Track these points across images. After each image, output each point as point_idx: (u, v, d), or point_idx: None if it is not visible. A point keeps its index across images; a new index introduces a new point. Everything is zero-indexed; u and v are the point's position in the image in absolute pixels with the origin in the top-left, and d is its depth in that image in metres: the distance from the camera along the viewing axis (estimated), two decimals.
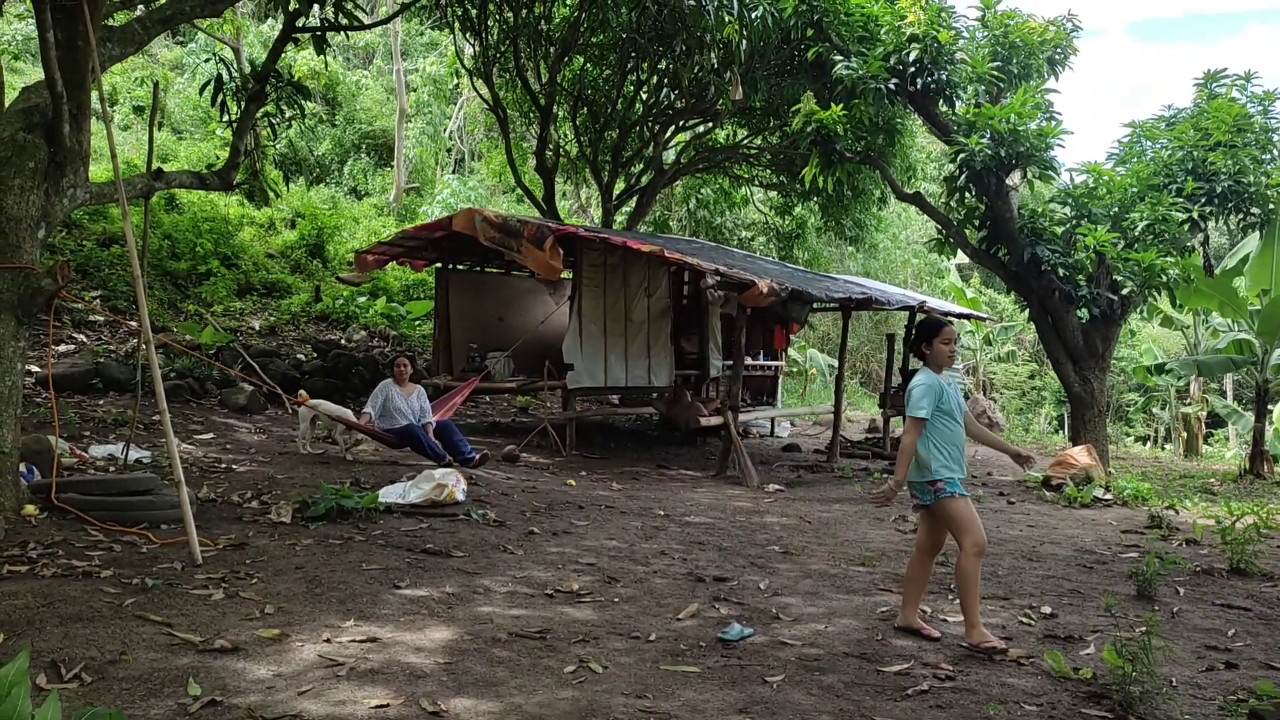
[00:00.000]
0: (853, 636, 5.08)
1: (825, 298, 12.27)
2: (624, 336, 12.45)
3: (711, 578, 6.16)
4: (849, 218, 17.96)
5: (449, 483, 7.56)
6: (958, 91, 12.87)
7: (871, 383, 27.20)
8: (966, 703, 4.20)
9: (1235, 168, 12.33)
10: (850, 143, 12.94)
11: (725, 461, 11.28)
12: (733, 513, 8.76)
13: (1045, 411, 27.77)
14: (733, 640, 4.85)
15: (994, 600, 6.09)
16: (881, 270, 26.39)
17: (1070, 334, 13.19)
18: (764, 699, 4.10)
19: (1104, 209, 12.81)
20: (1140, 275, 12.24)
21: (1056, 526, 9.11)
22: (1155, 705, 4.16)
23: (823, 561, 6.95)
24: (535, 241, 10.80)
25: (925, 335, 5.31)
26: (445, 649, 4.42)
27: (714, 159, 19.08)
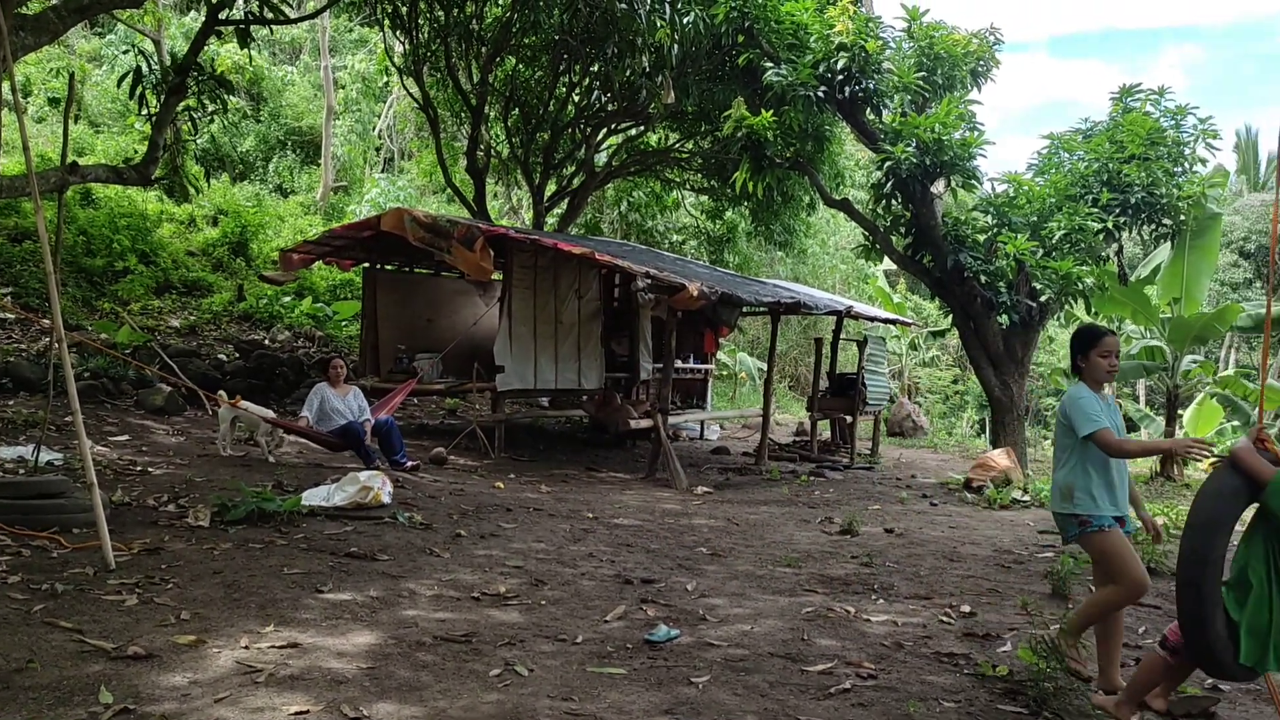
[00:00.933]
0: (778, 637, 5.13)
1: (754, 301, 12.39)
2: (554, 339, 12.41)
3: (639, 580, 6.17)
4: (779, 223, 18.16)
5: (375, 485, 7.46)
6: (884, 100, 13.09)
7: (800, 386, 27.49)
8: (888, 700, 4.27)
9: (1148, 180, 12.74)
10: (780, 148, 13.08)
11: (654, 464, 11.31)
12: (661, 515, 8.79)
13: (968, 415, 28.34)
14: (659, 642, 4.87)
15: (915, 600, 6.20)
16: (810, 275, 26.72)
17: (991, 339, 13.51)
18: (689, 700, 4.11)
19: (1024, 218, 13.14)
20: (1058, 283, 12.58)
21: (977, 528, 9.32)
22: (1068, 700, 4.28)
23: (749, 563, 7.01)
24: (465, 242, 10.71)
25: (1082, 345, 4.50)
26: (368, 654, 4.35)
27: (646, 162, 19.13)
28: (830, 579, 6.64)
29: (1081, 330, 4.62)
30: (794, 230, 18.91)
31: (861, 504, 10.40)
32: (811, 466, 13.21)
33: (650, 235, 21.74)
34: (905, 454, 16.84)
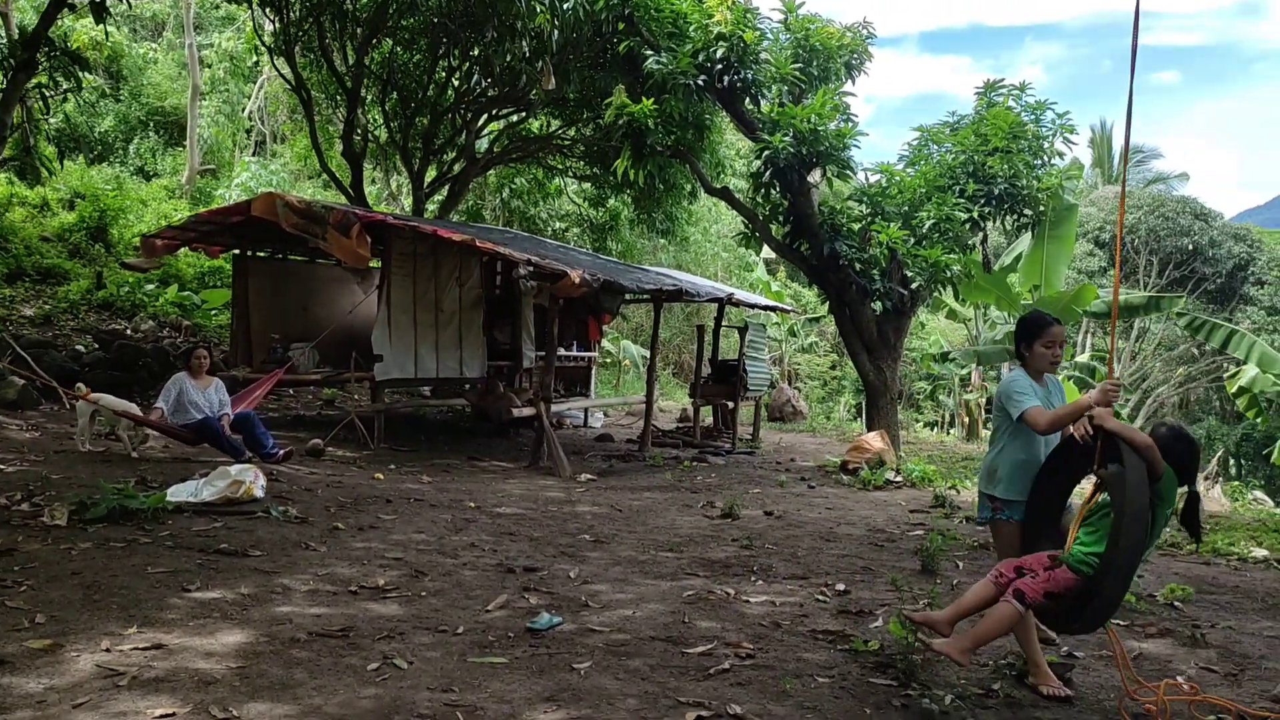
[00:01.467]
0: (659, 620, 5.18)
1: (637, 289, 12.45)
2: (435, 327, 12.21)
3: (522, 568, 6.14)
4: (661, 211, 18.28)
5: (246, 479, 7.21)
6: (762, 90, 13.30)
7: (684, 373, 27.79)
8: (765, 679, 4.36)
9: (1011, 172, 13.31)
10: (661, 136, 13.16)
11: (538, 452, 11.27)
12: (545, 503, 8.77)
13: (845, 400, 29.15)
14: (541, 629, 4.86)
15: (793, 580, 6.35)
16: (693, 263, 27.01)
17: (865, 326, 13.91)
18: (571, 686, 4.12)
19: (896, 208, 13.56)
20: (928, 270, 13.04)
21: (852, 508, 9.60)
22: (935, 672, 4.46)
23: (632, 548, 7.05)
24: (341, 228, 10.44)
25: (1027, 334, 4.54)
26: (238, 653, 4.21)
27: (528, 149, 19.00)
28: (711, 562, 6.73)
29: (1027, 319, 4.60)
30: (676, 218, 19.06)
31: (742, 488, 10.59)
32: (694, 452, 13.37)
33: (533, 222, 21.61)
34: (785, 438, 17.20)
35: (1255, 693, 4.47)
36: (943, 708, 4.01)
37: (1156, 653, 5.09)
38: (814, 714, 3.97)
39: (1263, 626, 5.72)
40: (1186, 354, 30.16)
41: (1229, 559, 7.84)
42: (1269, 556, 7.86)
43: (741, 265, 28.96)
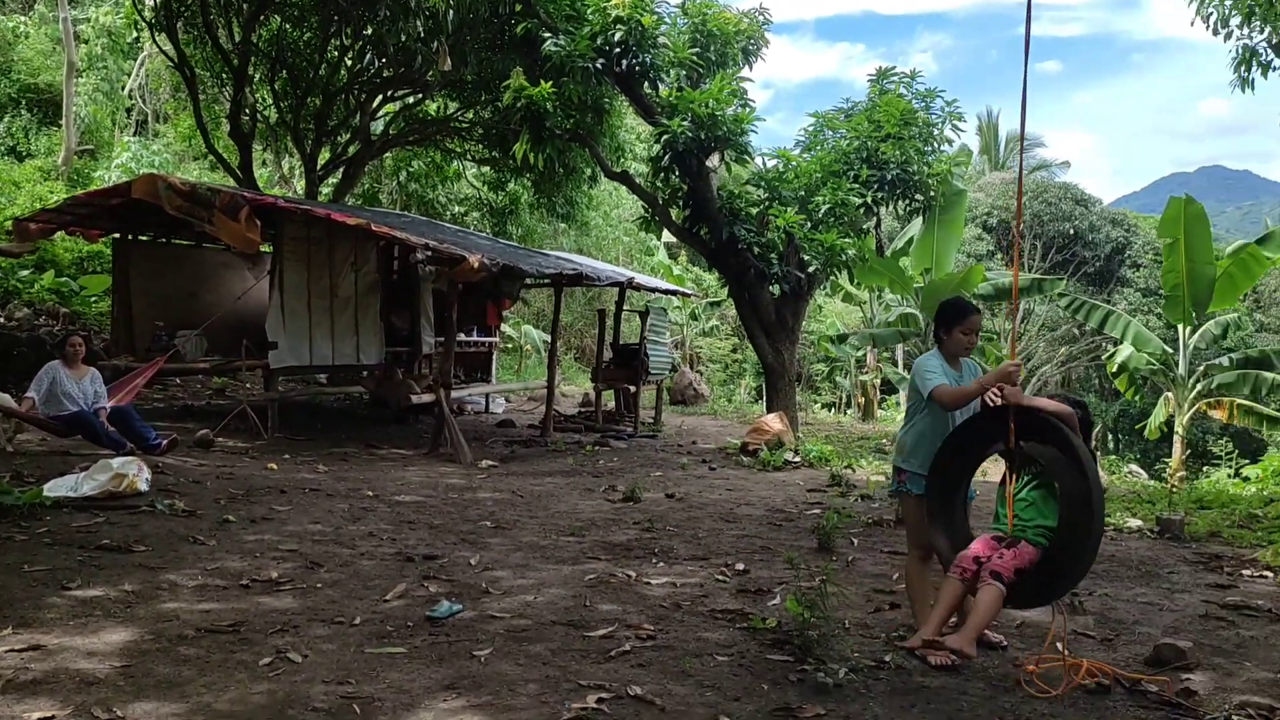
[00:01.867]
0: (561, 605, 5.19)
1: (537, 273, 12.38)
2: (330, 313, 11.94)
3: (421, 556, 6.07)
4: (561, 195, 18.18)
5: (129, 472, 6.94)
6: (661, 74, 13.33)
7: (586, 357, 27.77)
8: (665, 659, 4.41)
9: (902, 158, 13.64)
10: (560, 120, 13.07)
11: (438, 439, 11.14)
12: (445, 490, 8.68)
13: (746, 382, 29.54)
14: (441, 618, 4.81)
15: (694, 561, 6.43)
16: (594, 247, 26.97)
17: (764, 309, 14.10)
18: (472, 673, 4.10)
19: (792, 192, 13.77)
20: (824, 254, 13.28)
21: (752, 489, 9.76)
22: (830, 647, 4.56)
23: (534, 534, 7.04)
24: (229, 212, 10.10)
25: (947, 320, 4.70)
26: (123, 651, 4.06)
27: (425, 131, 18.67)
28: (613, 545, 6.77)
29: (950, 305, 4.77)
30: (576, 202, 18.99)
31: (644, 471, 10.66)
32: (596, 436, 13.39)
33: (431, 206, 21.27)
34: (687, 421, 17.37)
35: (1129, 656, 4.70)
36: (837, 680, 4.11)
37: (1037, 620, 5.31)
38: (713, 692, 4.03)
39: (1136, 593, 6.02)
40: (1068, 334, 31.45)
41: (1105, 529, 8.21)
42: (1142, 526, 8.27)
43: (643, 249, 29.04)
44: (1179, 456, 17.13)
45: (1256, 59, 10.00)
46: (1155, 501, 9.68)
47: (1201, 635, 5.10)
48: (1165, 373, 18.07)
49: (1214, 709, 4.02)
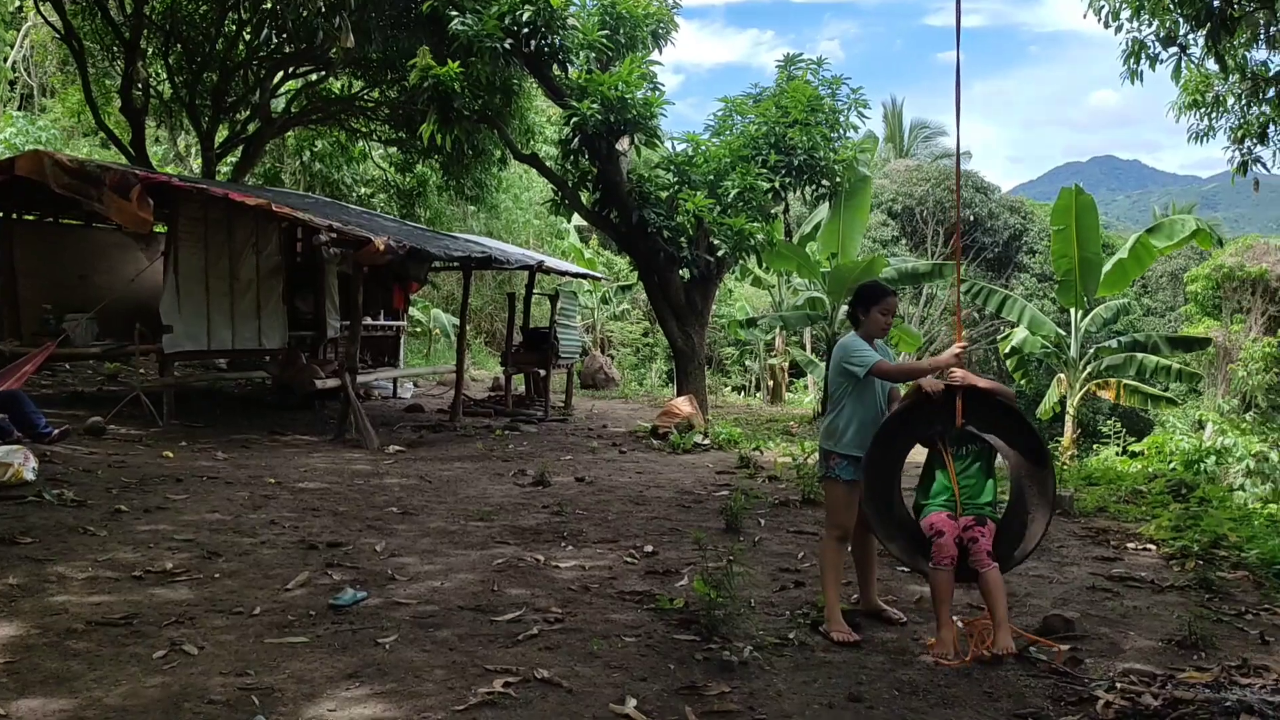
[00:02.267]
0: (469, 590, 5.15)
1: (445, 256, 12.21)
2: (230, 296, 11.59)
3: (325, 544, 5.96)
4: (469, 177, 17.95)
5: (14, 461, 6.64)
6: (570, 57, 13.23)
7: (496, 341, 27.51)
8: (573, 641, 4.42)
9: (809, 143, 13.81)
10: (468, 101, 12.88)
11: (344, 424, 10.92)
12: (351, 476, 8.52)
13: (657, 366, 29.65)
14: (345, 605, 4.73)
15: (603, 544, 6.45)
16: (504, 230, 26.69)
17: (674, 292, 14.17)
18: (376, 661, 4.04)
19: (702, 177, 13.84)
20: (733, 239, 13.40)
21: (661, 472, 9.82)
22: (736, 625, 4.63)
23: (442, 519, 6.97)
24: (119, 190, 9.70)
25: (865, 301, 4.78)
26: (7, 646, 3.90)
27: (329, 110, 18.23)
28: (522, 530, 6.74)
29: (868, 287, 4.86)
30: (486, 185, 18.77)
31: (554, 455, 10.63)
32: (506, 421, 13.30)
33: (336, 188, 20.79)
34: (598, 405, 17.38)
35: (1020, 627, 4.87)
36: (742, 658, 4.18)
37: None
38: (620, 673, 4.05)
39: (1028, 567, 6.22)
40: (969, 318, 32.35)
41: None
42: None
43: (553, 233, 28.87)
44: (1070, 435, 17.82)
45: (1145, 51, 10.37)
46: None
47: (1089, 606, 5.32)
48: (1058, 355, 18.76)
49: (1099, 676, 4.21)
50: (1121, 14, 10.03)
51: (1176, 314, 32.45)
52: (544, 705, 3.68)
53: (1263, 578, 5.96)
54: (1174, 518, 7.42)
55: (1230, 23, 9.07)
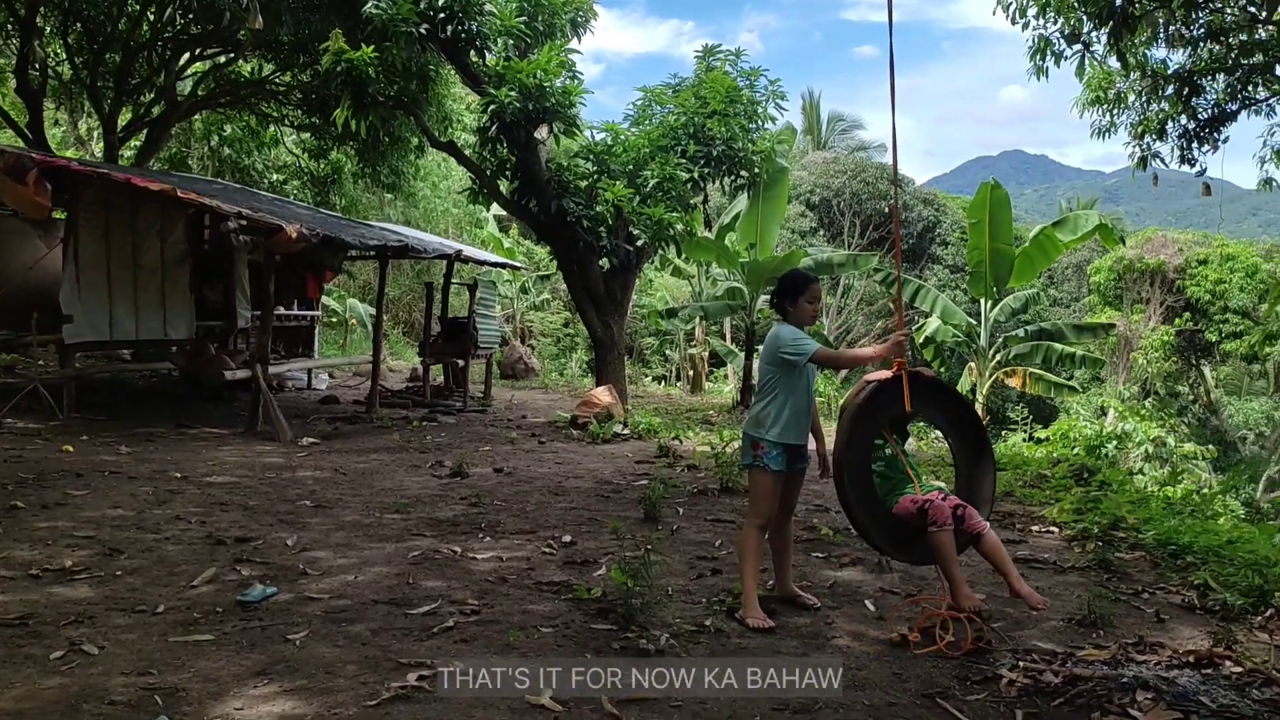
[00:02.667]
0: (383, 584, 5.08)
1: (360, 245, 11.99)
2: (134, 285, 11.21)
3: (233, 539, 5.81)
4: (386, 164, 17.61)
5: None
6: (488, 43, 13.07)
7: (414, 332, 27.13)
8: (490, 633, 4.39)
9: (728, 134, 13.89)
10: (383, 86, 12.63)
11: (255, 417, 10.65)
12: (262, 470, 8.33)
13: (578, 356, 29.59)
14: (254, 602, 4.63)
15: (521, 535, 6.41)
16: (422, 219, 26.29)
17: (593, 282, 14.14)
18: (286, 658, 3.96)
19: (621, 166, 13.82)
20: (652, 228, 13.41)
21: (581, 462, 9.80)
22: (653, 613, 4.65)
23: (357, 512, 6.85)
24: (14, 174, 9.32)
25: (791, 291, 4.79)
26: None
27: (238, 94, 17.71)
28: (439, 521, 6.67)
29: (792, 277, 4.87)
30: (403, 173, 18.43)
31: (473, 446, 10.54)
32: (424, 412, 13.14)
33: (247, 174, 20.21)
34: (518, 395, 17.28)
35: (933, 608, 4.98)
36: (658, 646, 4.20)
37: (849, 579, 5.58)
38: (537, 663, 4.04)
39: None
40: (884, 308, 32.95)
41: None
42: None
43: (472, 221, 28.52)
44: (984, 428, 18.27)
45: (1050, 49, 10.67)
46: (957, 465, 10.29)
47: (995, 588, 5.46)
48: (969, 344, 19.24)
49: (1004, 656, 4.33)
50: (1028, 11, 10.29)
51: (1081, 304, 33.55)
52: (459, 698, 3.64)
53: (1158, 558, 6.20)
54: (1076, 501, 7.68)
55: (1131, 21, 9.37)
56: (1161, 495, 9.82)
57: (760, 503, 4.81)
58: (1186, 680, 3.98)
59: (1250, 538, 6.65)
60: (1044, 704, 3.78)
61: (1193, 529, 6.68)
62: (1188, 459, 17.16)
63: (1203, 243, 27.48)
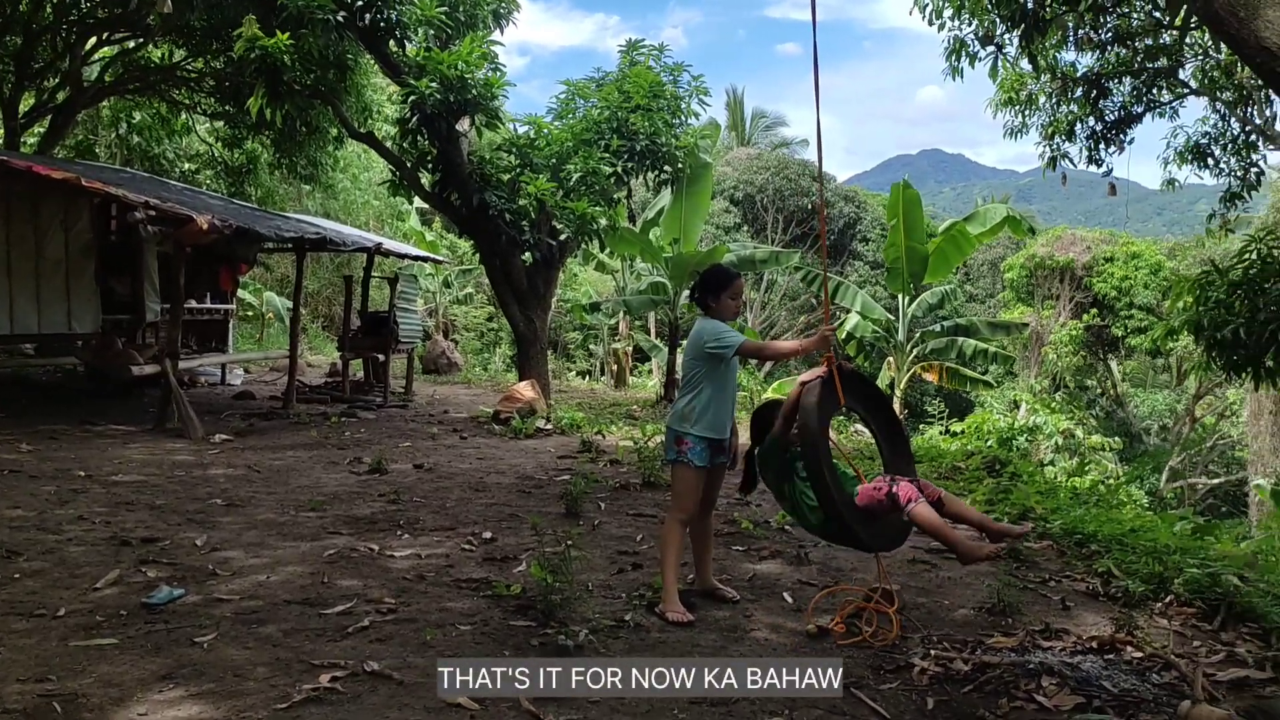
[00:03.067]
0: (297, 583, 4.98)
1: (276, 237, 11.72)
2: (35, 276, 10.76)
3: (139, 539, 5.63)
4: (303, 155, 17.20)
5: None
6: (408, 33, 12.87)
7: (334, 326, 26.64)
8: (406, 632, 4.33)
9: (651, 129, 13.89)
10: (299, 74, 12.36)
11: (165, 413, 10.35)
12: (171, 468, 8.09)
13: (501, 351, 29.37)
14: (160, 604, 4.49)
15: (441, 531, 6.34)
16: (342, 211, 25.80)
17: (516, 276, 14.04)
18: (193, 661, 3.86)
19: (544, 160, 13.73)
20: (575, 222, 13.36)
21: (503, 457, 9.73)
22: (573, 609, 4.63)
23: (271, 510, 6.70)
24: None
25: (714, 287, 4.77)
26: None
27: (148, 80, 17.14)
28: (356, 519, 6.56)
29: (714, 273, 4.85)
30: (321, 164, 18.03)
31: (393, 442, 10.39)
32: (343, 407, 12.91)
33: (157, 163, 19.57)
34: (440, 390, 17.08)
35: (848, 599, 5.06)
36: (577, 642, 4.19)
37: (768, 572, 5.64)
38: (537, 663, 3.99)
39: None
40: (806, 304, 33.38)
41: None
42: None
43: (394, 214, 28.11)
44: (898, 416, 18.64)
45: (965, 50, 10.90)
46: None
47: (909, 578, 5.58)
48: (887, 339, 19.61)
49: (913, 645, 4.42)
50: (944, 12, 10.50)
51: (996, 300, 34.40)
52: (373, 699, 3.59)
53: (1065, 546, 6.39)
54: (988, 492, 7.88)
55: (1042, 24, 9.61)
56: (1069, 486, 10.14)
57: (683, 498, 4.81)
58: (1090, 666, 4.11)
59: (1152, 526, 6.91)
60: (954, 691, 3.86)
61: (1098, 518, 6.90)
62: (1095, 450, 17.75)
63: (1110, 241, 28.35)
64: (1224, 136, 12.41)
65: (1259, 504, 16.70)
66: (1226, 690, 3.94)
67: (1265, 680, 4.07)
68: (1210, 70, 12.08)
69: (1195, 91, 12.36)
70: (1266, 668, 4.20)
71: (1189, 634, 4.72)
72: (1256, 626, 4.76)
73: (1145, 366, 30.31)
